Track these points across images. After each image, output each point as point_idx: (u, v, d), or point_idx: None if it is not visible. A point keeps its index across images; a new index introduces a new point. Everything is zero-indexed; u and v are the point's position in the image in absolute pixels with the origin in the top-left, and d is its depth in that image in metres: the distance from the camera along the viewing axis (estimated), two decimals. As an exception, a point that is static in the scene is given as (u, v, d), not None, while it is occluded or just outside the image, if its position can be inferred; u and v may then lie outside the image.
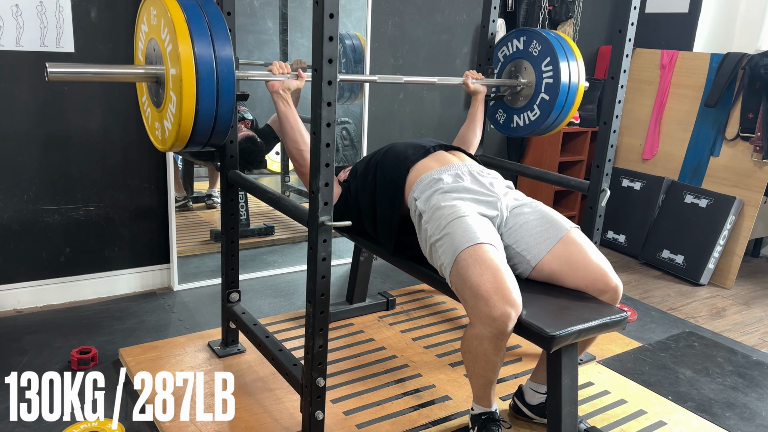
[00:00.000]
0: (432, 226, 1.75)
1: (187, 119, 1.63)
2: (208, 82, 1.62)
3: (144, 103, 1.91)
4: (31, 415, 1.83)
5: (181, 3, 1.64)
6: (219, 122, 1.69)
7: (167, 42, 1.63)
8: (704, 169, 3.55)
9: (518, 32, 2.56)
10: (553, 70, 2.41)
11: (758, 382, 2.37)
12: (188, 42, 1.59)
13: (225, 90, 1.65)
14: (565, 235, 1.76)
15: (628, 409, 2.11)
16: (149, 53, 1.78)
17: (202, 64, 1.60)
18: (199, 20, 1.63)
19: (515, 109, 2.60)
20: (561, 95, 2.40)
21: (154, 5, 1.71)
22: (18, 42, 2.36)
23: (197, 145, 1.75)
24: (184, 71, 1.58)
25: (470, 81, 2.44)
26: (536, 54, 2.47)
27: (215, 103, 1.65)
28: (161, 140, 1.81)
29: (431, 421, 1.97)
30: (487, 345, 1.59)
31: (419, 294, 2.95)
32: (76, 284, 2.71)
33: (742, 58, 3.34)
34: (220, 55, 1.63)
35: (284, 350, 1.93)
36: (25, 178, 2.51)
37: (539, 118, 2.49)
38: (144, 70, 1.75)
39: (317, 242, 1.56)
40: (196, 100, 1.61)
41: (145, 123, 1.93)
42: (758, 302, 3.21)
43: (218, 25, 1.65)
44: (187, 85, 1.59)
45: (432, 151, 1.99)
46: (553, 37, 2.44)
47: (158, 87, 1.74)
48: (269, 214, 3.37)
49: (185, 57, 1.58)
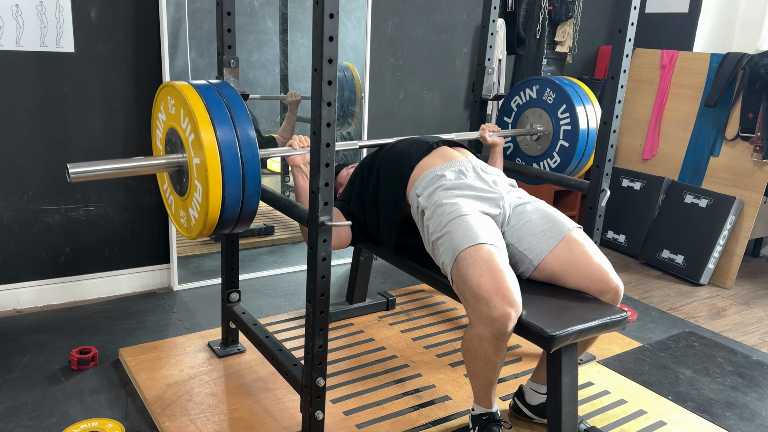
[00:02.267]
0: (434, 224, 1.75)
1: (214, 207, 1.58)
2: (233, 168, 1.57)
3: (166, 191, 1.86)
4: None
5: (198, 90, 1.61)
6: (246, 206, 1.64)
7: (188, 131, 1.59)
8: (704, 169, 3.55)
9: (529, 81, 2.58)
10: (571, 117, 2.43)
11: (758, 382, 2.37)
12: (210, 130, 1.54)
13: (251, 173, 1.61)
14: (567, 234, 1.76)
15: (628, 409, 2.11)
16: (169, 141, 1.74)
17: (226, 150, 1.55)
18: (219, 106, 1.59)
19: (533, 157, 2.61)
20: (581, 141, 2.42)
21: (171, 95, 1.67)
22: (18, 42, 2.36)
23: (224, 230, 1.70)
24: (209, 160, 1.53)
25: (487, 134, 2.43)
26: (551, 102, 2.49)
27: (242, 187, 1.60)
28: (187, 228, 1.76)
29: (431, 421, 1.97)
30: (487, 345, 1.59)
31: (419, 294, 2.95)
32: (76, 284, 2.71)
33: (742, 58, 3.34)
34: (243, 139, 1.59)
35: (284, 350, 1.92)
36: (25, 178, 2.51)
37: (560, 165, 2.51)
38: (166, 161, 1.69)
39: (317, 242, 1.56)
40: (222, 187, 1.56)
41: (168, 210, 1.88)
42: (758, 302, 3.21)
43: (238, 108, 1.61)
44: (212, 173, 1.54)
45: (435, 147, 1.99)
46: (567, 83, 2.47)
47: (181, 176, 1.70)
48: (269, 214, 3.37)
49: (209, 145, 1.53)
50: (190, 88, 1.62)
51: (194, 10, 2.70)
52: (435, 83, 3.49)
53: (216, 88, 1.65)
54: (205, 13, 2.72)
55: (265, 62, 3.02)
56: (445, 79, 3.52)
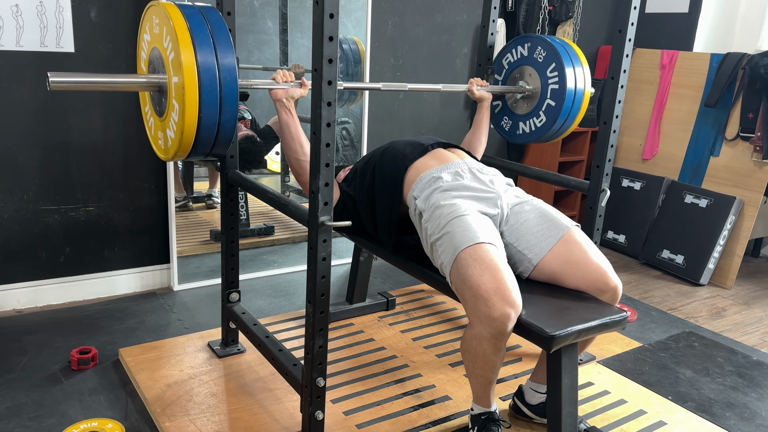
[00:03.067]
0: (432, 225, 1.75)
1: (190, 127, 1.61)
2: (211, 90, 1.59)
3: (147, 113, 1.89)
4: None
5: (183, 11, 1.62)
6: (222, 131, 1.66)
7: (169, 50, 1.61)
8: (704, 169, 3.55)
9: (522, 39, 2.54)
10: (559, 76, 2.40)
11: (758, 382, 2.37)
12: (190, 49, 1.56)
13: (228, 98, 1.63)
14: (566, 234, 1.76)
15: (628, 409, 2.11)
16: (152, 62, 1.76)
17: (204, 71, 1.58)
18: (202, 28, 1.61)
19: (521, 115, 2.58)
20: (567, 101, 2.39)
21: (156, 14, 1.69)
22: (18, 42, 2.36)
23: (200, 154, 1.73)
24: (186, 79, 1.56)
25: (475, 88, 2.43)
26: (541, 60, 2.46)
27: (218, 111, 1.62)
28: (164, 149, 1.79)
29: (431, 421, 1.97)
30: (486, 345, 1.59)
31: (419, 294, 2.95)
32: (76, 284, 2.71)
33: (742, 58, 3.34)
34: (222, 62, 1.61)
35: (284, 350, 1.92)
36: (25, 178, 2.51)
37: (545, 124, 2.47)
38: (146, 79, 1.72)
39: (317, 242, 1.56)
40: (199, 107, 1.59)
41: (148, 133, 1.91)
42: (758, 302, 3.21)
43: (221, 33, 1.63)
44: (189, 92, 1.57)
45: (430, 149, 1.98)
46: (558, 42, 2.44)
47: (161, 96, 1.72)
48: (269, 214, 3.37)
49: (187, 64, 1.56)
50: (175, 7, 1.63)
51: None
52: (435, 83, 3.48)
53: (200, 11, 1.66)
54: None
55: (266, 62, 3.02)
56: (445, 79, 3.52)
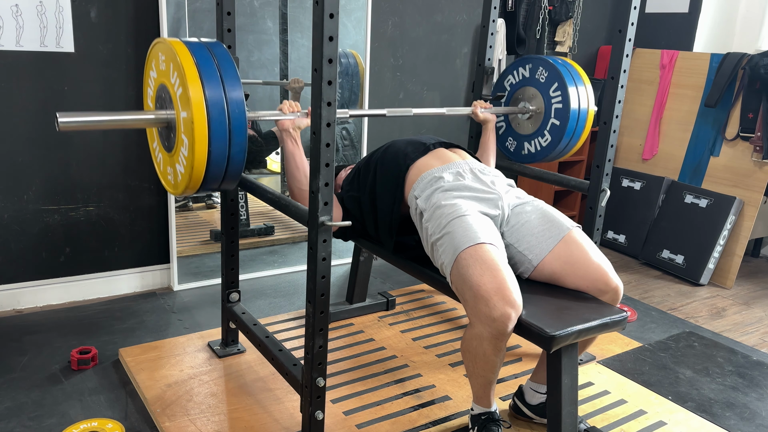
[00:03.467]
0: (433, 225, 1.75)
1: (200, 161, 1.60)
2: (220, 124, 1.59)
3: (155, 149, 1.88)
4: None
5: (189, 47, 1.62)
6: (232, 164, 1.66)
7: (177, 86, 1.61)
8: (704, 169, 3.55)
9: (523, 60, 2.57)
10: (562, 96, 2.42)
11: (758, 382, 2.37)
12: (198, 85, 1.56)
13: (237, 131, 1.62)
14: (567, 234, 1.76)
15: (628, 409, 2.11)
16: (159, 98, 1.75)
17: (213, 105, 1.57)
18: (208, 63, 1.61)
19: (525, 136, 2.60)
20: (572, 120, 2.41)
21: (162, 51, 1.68)
22: (18, 42, 2.36)
23: (210, 188, 1.71)
24: (195, 113, 1.55)
25: (479, 110, 2.43)
26: (543, 80, 2.48)
27: (227, 144, 1.62)
28: (173, 184, 1.77)
29: (431, 421, 1.97)
30: (486, 345, 1.59)
31: (419, 294, 2.95)
32: (76, 284, 2.71)
33: (742, 58, 3.34)
34: (230, 96, 1.60)
35: (284, 350, 1.92)
36: (25, 178, 2.51)
37: (551, 143, 2.49)
38: (155, 116, 1.72)
39: (317, 242, 1.56)
40: (208, 142, 1.58)
41: (157, 169, 1.90)
42: (758, 302, 3.21)
43: (228, 67, 1.63)
44: (198, 127, 1.56)
45: (432, 149, 1.98)
46: (560, 63, 2.46)
47: (169, 132, 1.72)
48: (269, 214, 3.37)
49: (196, 99, 1.55)
50: (181, 44, 1.64)
51: (194, 10, 2.70)
52: (435, 83, 3.49)
53: (207, 46, 1.66)
54: (205, 13, 2.72)
55: (265, 62, 3.02)
56: (445, 79, 3.52)
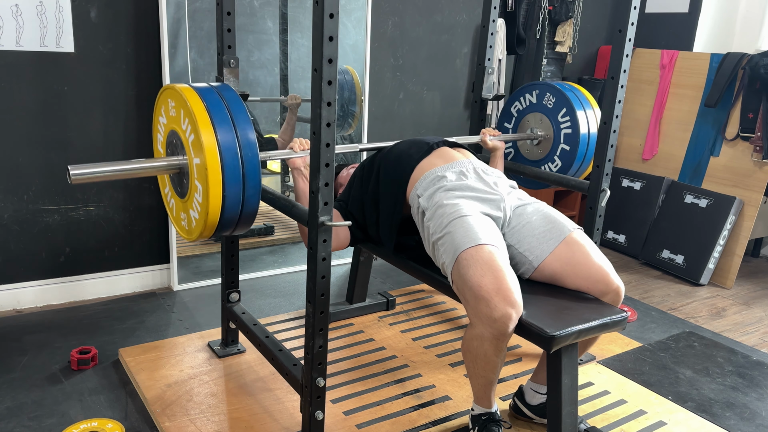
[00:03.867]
0: (434, 224, 1.75)
1: (215, 207, 1.59)
2: (233, 168, 1.58)
3: (167, 194, 1.87)
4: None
5: (199, 92, 1.62)
6: (246, 206, 1.65)
7: (189, 132, 1.61)
8: (704, 169, 3.55)
9: (529, 87, 2.59)
10: (571, 121, 2.44)
11: (758, 382, 2.37)
12: (210, 130, 1.56)
13: (251, 173, 1.62)
14: (568, 236, 1.76)
15: (628, 409, 2.11)
16: (170, 144, 1.75)
17: (226, 150, 1.57)
18: (219, 107, 1.60)
19: (535, 161, 2.61)
20: (582, 144, 2.43)
21: (171, 97, 1.68)
22: (18, 42, 2.36)
23: (225, 232, 1.71)
24: (209, 159, 1.55)
25: (488, 138, 2.43)
26: (551, 106, 2.50)
27: (242, 188, 1.62)
28: (188, 230, 1.77)
29: (431, 421, 1.97)
30: (487, 346, 1.59)
31: (419, 294, 2.95)
32: (76, 284, 2.71)
33: (742, 58, 3.34)
34: (243, 139, 1.60)
35: (284, 350, 1.92)
36: (25, 178, 2.51)
37: (561, 168, 2.51)
38: (167, 163, 1.71)
39: (317, 242, 1.56)
40: (223, 187, 1.58)
41: (170, 214, 1.89)
42: (758, 302, 3.21)
43: (238, 110, 1.63)
44: (212, 172, 1.55)
45: (435, 148, 1.98)
46: (567, 88, 2.48)
47: (182, 178, 1.71)
48: (269, 214, 3.37)
49: (209, 145, 1.55)
50: (191, 89, 1.63)
51: (194, 10, 2.70)
52: (435, 83, 3.49)
53: (216, 90, 1.66)
54: (205, 13, 2.72)
55: (265, 62, 3.02)
56: (445, 79, 3.52)
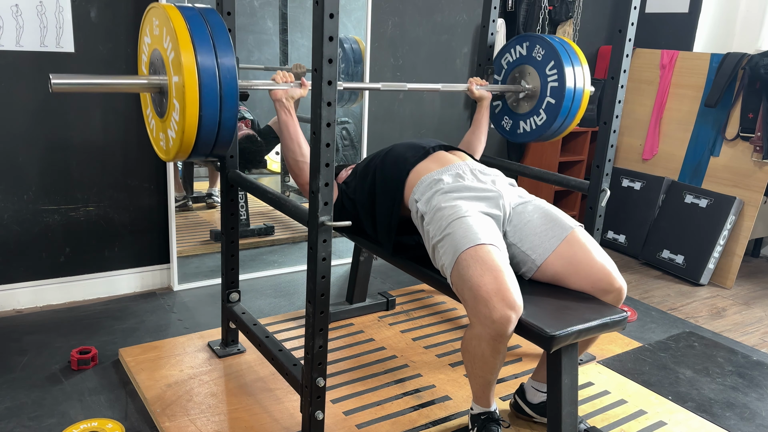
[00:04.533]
0: (434, 228, 1.75)
1: (191, 126, 1.62)
2: (211, 89, 1.61)
3: (148, 116, 1.90)
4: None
5: (183, 12, 1.64)
6: (222, 130, 1.68)
7: (170, 50, 1.63)
8: (704, 169, 3.55)
9: (521, 38, 2.55)
10: (558, 74, 2.40)
11: (758, 382, 2.37)
12: (191, 49, 1.58)
13: (228, 97, 1.64)
14: (570, 234, 1.76)
15: (628, 409, 2.11)
16: (153, 63, 1.77)
17: (204, 71, 1.59)
18: (201, 28, 1.62)
19: (521, 114, 2.59)
20: (567, 98, 2.40)
21: (156, 16, 1.70)
22: (18, 42, 2.36)
23: (201, 155, 1.74)
24: (187, 78, 1.57)
25: (475, 87, 2.43)
26: (540, 59, 2.47)
27: (218, 110, 1.64)
28: (165, 150, 1.80)
29: (431, 421, 1.97)
30: (486, 346, 1.58)
31: (419, 294, 2.95)
32: (76, 284, 2.71)
33: (742, 58, 3.34)
34: (222, 62, 1.62)
35: (284, 350, 1.92)
36: (26, 178, 2.51)
37: (546, 122, 2.48)
38: (147, 80, 1.74)
39: (317, 242, 1.56)
40: (199, 107, 1.60)
41: (150, 135, 1.93)
42: (758, 302, 3.21)
43: (220, 33, 1.65)
44: (189, 92, 1.58)
45: (432, 152, 1.98)
46: (557, 42, 2.44)
47: (162, 97, 1.74)
48: (269, 214, 3.37)
49: (187, 64, 1.57)
50: (175, 9, 1.65)
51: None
52: (435, 83, 3.48)
53: (200, 12, 1.68)
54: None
55: (265, 62, 3.02)
56: (445, 79, 3.52)
